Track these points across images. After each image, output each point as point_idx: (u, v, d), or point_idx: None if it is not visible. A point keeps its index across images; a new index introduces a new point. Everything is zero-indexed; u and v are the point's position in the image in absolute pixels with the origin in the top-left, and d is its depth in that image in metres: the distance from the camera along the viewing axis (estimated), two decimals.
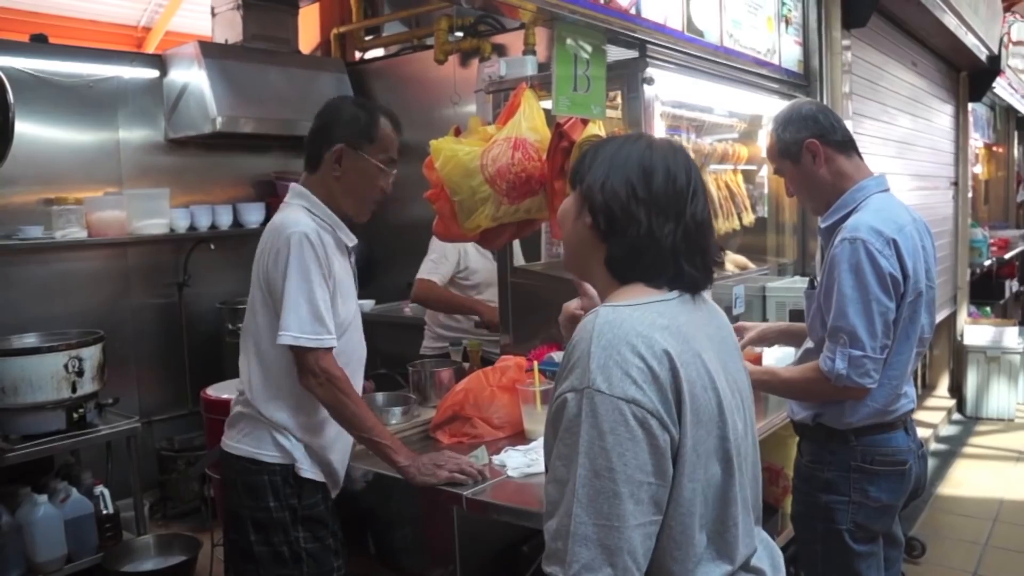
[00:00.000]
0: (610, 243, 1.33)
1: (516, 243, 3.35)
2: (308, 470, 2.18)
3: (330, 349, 2.09)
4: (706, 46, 3.12)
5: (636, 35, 2.73)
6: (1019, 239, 9.31)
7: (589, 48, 2.57)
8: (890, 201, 2.30)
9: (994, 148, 9.76)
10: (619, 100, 2.94)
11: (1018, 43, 8.90)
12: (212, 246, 4.81)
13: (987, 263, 7.49)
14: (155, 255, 4.84)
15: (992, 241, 7.89)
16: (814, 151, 2.30)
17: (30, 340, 3.76)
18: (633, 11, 2.69)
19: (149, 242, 4.71)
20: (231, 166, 5.12)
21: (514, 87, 2.95)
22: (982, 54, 6.62)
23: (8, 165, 3.77)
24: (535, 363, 2.69)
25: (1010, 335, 6.73)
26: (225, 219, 4.90)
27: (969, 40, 6.07)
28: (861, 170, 2.36)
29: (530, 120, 2.75)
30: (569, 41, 2.50)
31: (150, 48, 6.40)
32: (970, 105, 7.39)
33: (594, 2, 2.50)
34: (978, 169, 8.83)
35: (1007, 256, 8.22)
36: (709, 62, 3.18)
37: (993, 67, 7.15)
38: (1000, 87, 7.98)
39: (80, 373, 3.61)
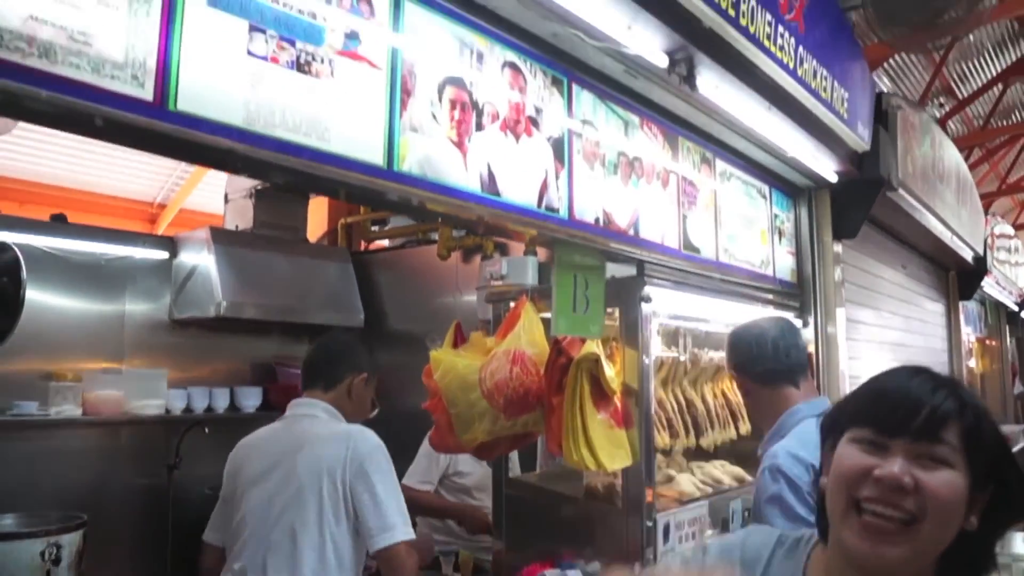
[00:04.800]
0: None
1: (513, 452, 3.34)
2: None
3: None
4: (703, 262, 3.22)
5: (634, 255, 2.82)
6: (1020, 434, 9.23)
7: (588, 269, 2.65)
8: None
9: (987, 342, 9.88)
10: (617, 315, 2.99)
11: (1001, 236, 9.20)
12: (207, 429, 4.75)
13: None
14: (148, 436, 4.77)
15: None
16: (736, 379, 2.42)
17: (7, 522, 3.64)
18: (632, 232, 2.80)
19: (143, 422, 4.66)
20: (232, 348, 5.15)
21: (515, 294, 3.02)
22: (968, 255, 6.84)
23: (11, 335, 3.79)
24: None
25: (1020, 542, 6.53)
26: (222, 402, 4.87)
27: (955, 243, 6.28)
28: (790, 398, 2.36)
29: (529, 333, 2.79)
30: (569, 263, 2.58)
31: (164, 223, 6.60)
32: (961, 302, 7.56)
33: (593, 224, 2.61)
34: (972, 363, 8.90)
35: None
36: (706, 277, 3.27)
37: (980, 267, 7.37)
38: (988, 285, 8.18)
39: (57, 562, 3.47)
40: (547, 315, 2.82)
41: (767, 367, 2.40)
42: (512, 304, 2.97)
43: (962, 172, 6.48)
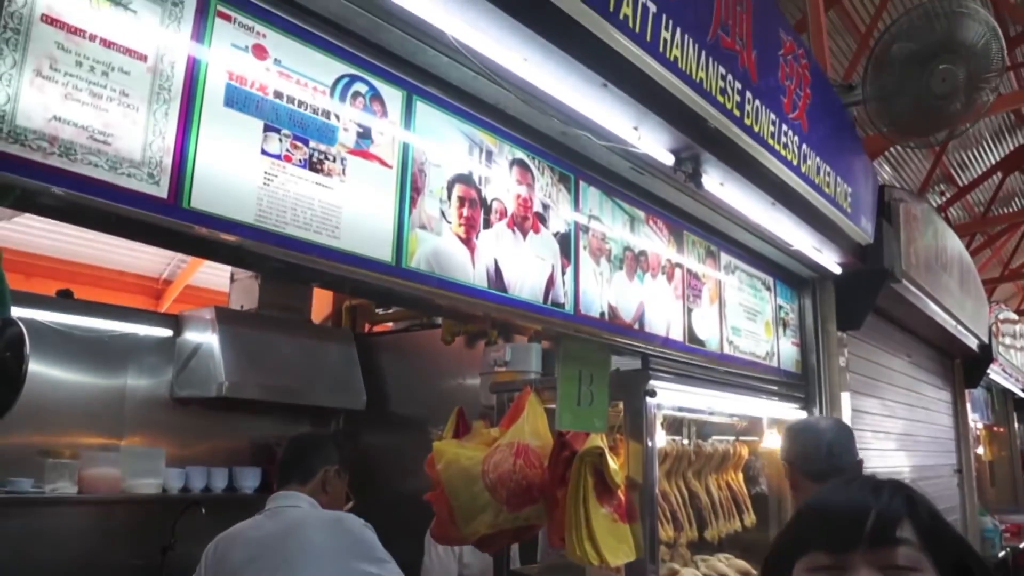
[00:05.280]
0: None
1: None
2: None
3: None
4: (707, 355, 3.22)
5: (639, 348, 2.82)
6: None
7: (593, 363, 2.64)
8: None
9: (995, 429, 9.78)
10: (621, 407, 2.97)
11: (1005, 321, 9.20)
12: (203, 510, 4.68)
13: (1001, 554, 7.23)
14: (144, 515, 4.70)
15: (1004, 527, 7.68)
16: (788, 473, 2.51)
17: None
18: (637, 326, 2.80)
19: (140, 501, 4.59)
20: (232, 428, 5.12)
21: (519, 387, 3.01)
22: (973, 343, 6.82)
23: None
24: None
25: None
26: (220, 482, 4.82)
27: (960, 332, 6.28)
28: None
29: (533, 425, 2.78)
30: (573, 357, 2.58)
31: (169, 299, 6.62)
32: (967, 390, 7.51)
33: (598, 319, 2.62)
34: (980, 451, 8.80)
35: (1022, 545, 7.95)
36: (710, 370, 3.27)
37: (985, 355, 7.34)
38: (994, 373, 8.14)
39: None
40: (551, 406, 2.81)
41: (820, 467, 2.47)
42: (516, 394, 2.95)
43: (965, 261, 6.52)
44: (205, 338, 4.73)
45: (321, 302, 5.48)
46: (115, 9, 1.56)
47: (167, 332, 4.94)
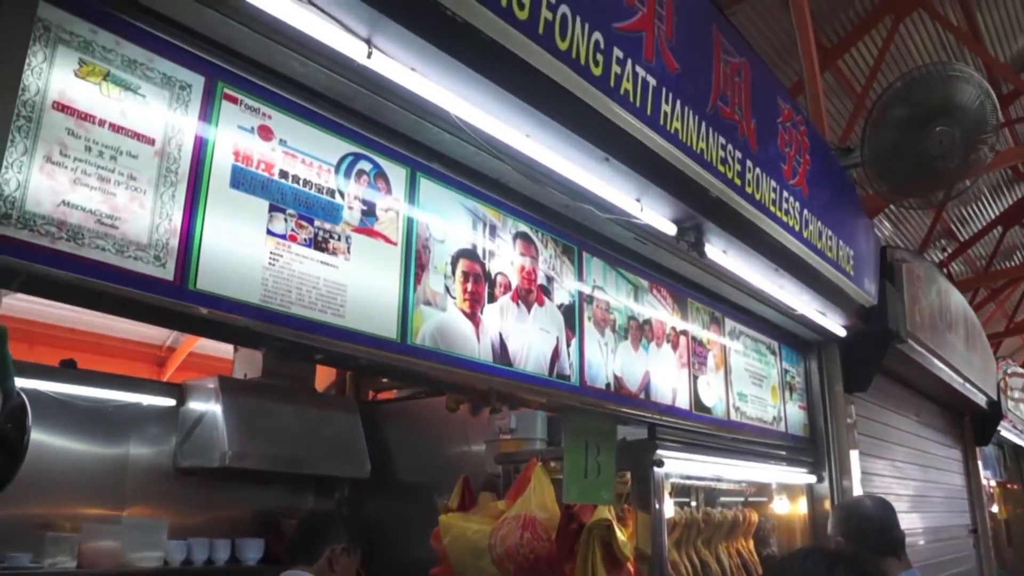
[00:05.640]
0: None
1: None
2: None
3: None
4: (714, 422, 3.20)
5: (646, 418, 2.80)
6: None
7: (599, 435, 2.62)
8: None
9: (1009, 486, 9.64)
10: (628, 477, 2.94)
11: (1013, 375, 9.14)
12: None
13: None
14: None
15: None
16: (843, 548, 2.58)
17: None
18: (642, 395, 2.79)
19: (141, 575, 4.51)
20: (235, 498, 5.04)
21: (524, 458, 2.98)
22: (981, 400, 6.77)
23: None
24: None
25: None
26: (222, 554, 4.72)
27: (967, 389, 6.23)
28: (891, 568, 2.55)
29: (540, 497, 2.75)
30: (580, 430, 2.56)
31: (172, 366, 6.61)
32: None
33: (604, 390, 2.60)
34: (995, 509, 8.66)
35: None
36: (718, 437, 3.23)
37: (995, 411, 7.27)
38: (1005, 429, 8.06)
39: None
40: (558, 477, 2.78)
41: (874, 540, 2.61)
42: (522, 465, 2.92)
43: (970, 318, 6.50)
44: (208, 407, 4.69)
45: (325, 370, 5.45)
46: (125, 94, 1.59)
47: (170, 401, 4.90)
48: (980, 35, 8.74)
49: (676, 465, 2.98)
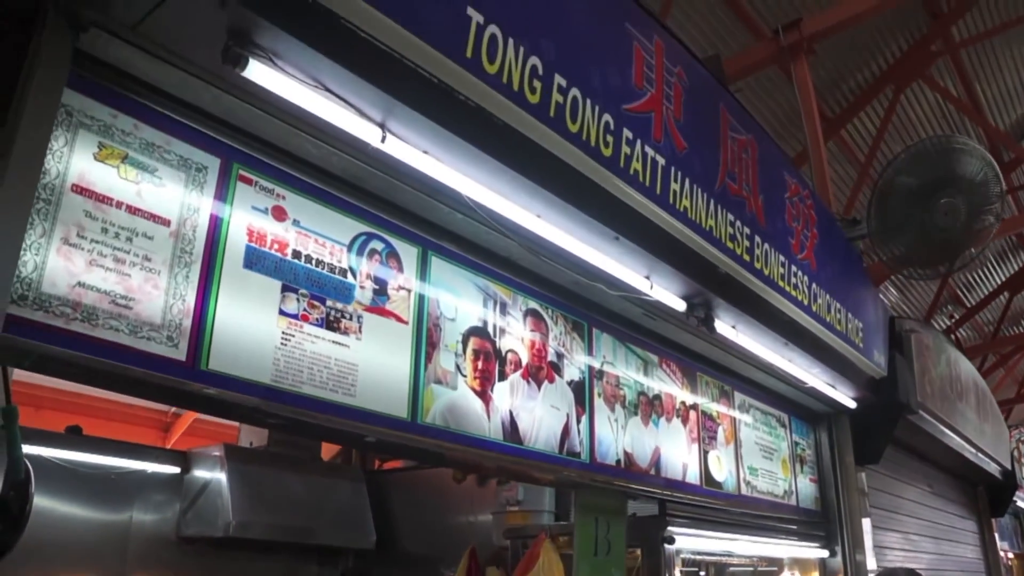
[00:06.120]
0: None
1: None
2: None
3: None
4: (725, 497, 3.16)
5: (656, 494, 2.77)
6: None
7: (610, 512, 2.59)
8: None
9: None
10: (639, 553, 2.89)
11: None
12: None
13: None
14: None
15: None
16: None
17: None
18: (653, 471, 2.76)
19: None
20: (238, 568, 4.95)
21: (533, 532, 2.94)
22: (995, 470, 6.68)
23: None
24: None
25: None
26: None
27: (980, 459, 6.16)
28: None
29: (549, 574, 2.69)
30: (591, 507, 2.53)
31: (177, 432, 6.57)
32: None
33: (615, 467, 2.58)
34: None
35: None
36: (728, 512, 3.19)
37: (1009, 481, 7.17)
38: (1021, 500, 7.93)
39: None
40: (566, 551, 2.74)
41: None
42: (530, 540, 2.88)
43: (980, 386, 6.45)
44: (213, 475, 4.65)
45: None
46: (142, 176, 1.61)
47: (175, 469, 4.86)
48: (980, 104, 8.87)
49: (687, 541, 2.94)
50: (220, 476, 4.59)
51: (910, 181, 4.49)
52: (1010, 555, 8.39)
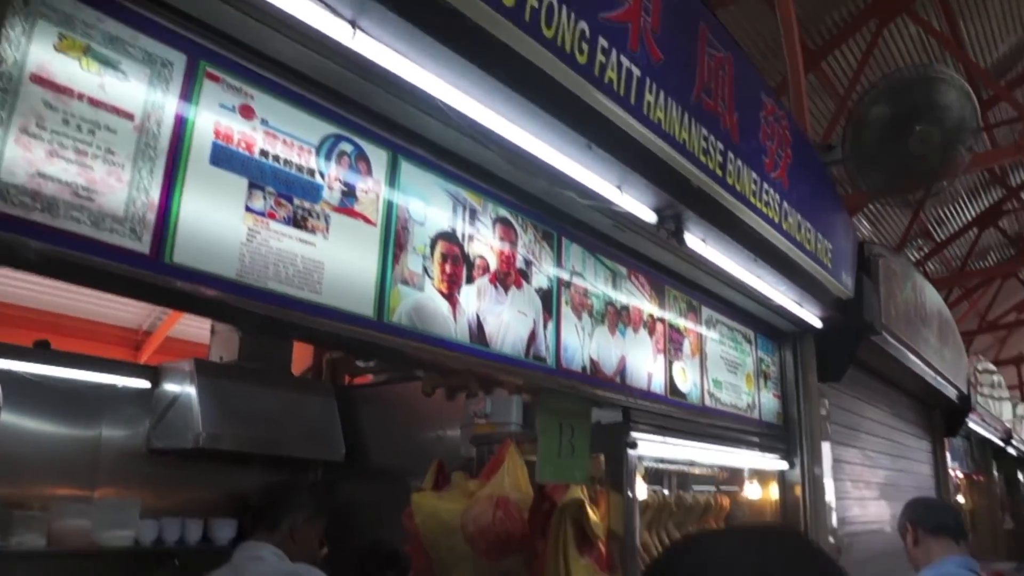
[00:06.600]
0: None
1: None
2: None
3: None
4: (689, 407, 3.23)
5: (620, 401, 2.82)
6: (1012, 572, 9.07)
7: (574, 416, 2.64)
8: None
9: (974, 478, 9.81)
10: (602, 459, 2.96)
11: (984, 372, 9.29)
12: (176, 562, 4.59)
13: None
14: (117, 569, 4.58)
15: None
16: (911, 533, 3.09)
17: None
18: (618, 379, 2.81)
19: (112, 555, 4.48)
20: (208, 480, 5.03)
21: (499, 437, 3.00)
22: (952, 394, 6.88)
23: None
24: None
25: None
26: (194, 534, 4.71)
27: (939, 383, 6.32)
28: (950, 549, 3.02)
29: (513, 478, 2.77)
30: (554, 410, 2.57)
31: (148, 351, 6.56)
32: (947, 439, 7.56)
33: (580, 373, 2.62)
34: (961, 499, 8.82)
35: None
36: (692, 422, 3.27)
37: (964, 405, 7.40)
38: (973, 422, 8.19)
39: None
40: (532, 459, 2.80)
41: (940, 523, 3.09)
42: (496, 447, 2.94)
43: (944, 314, 6.59)
44: (183, 389, 4.67)
45: (301, 354, 5.43)
46: (104, 70, 1.57)
47: (145, 383, 4.88)
48: (962, 41, 8.85)
49: (650, 448, 3.01)
50: (190, 390, 4.61)
51: (887, 108, 4.50)
52: (959, 474, 8.73)
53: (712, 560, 1.01)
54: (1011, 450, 10.94)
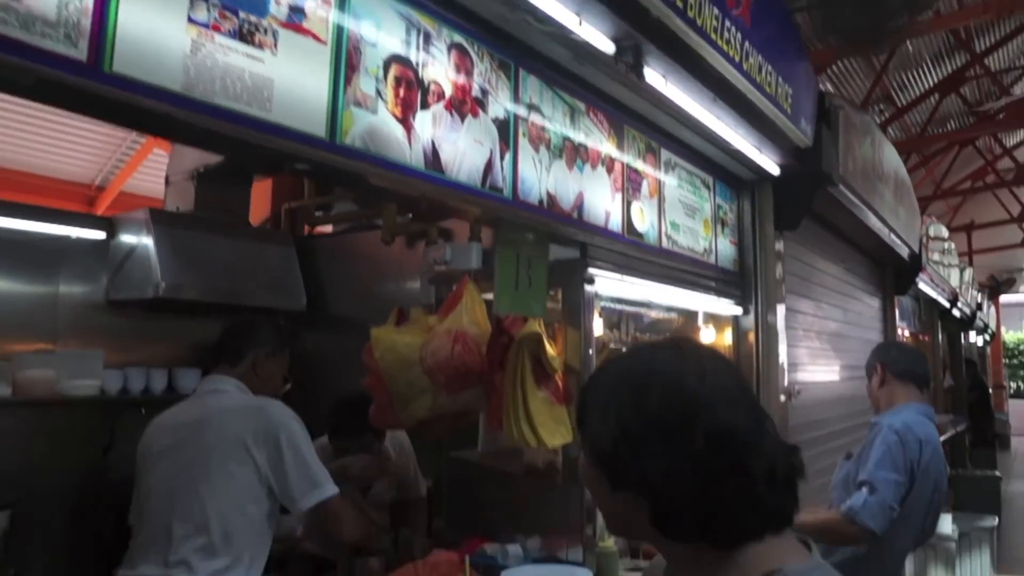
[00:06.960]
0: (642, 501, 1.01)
1: None
2: None
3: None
4: (646, 248, 3.26)
5: (577, 237, 2.84)
6: (948, 424, 9.63)
7: (531, 248, 2.66)
8: (926, 423, 3.05)
9: (920, 337, 10.18)
10: (560, 295, 3.01)
11: (935, 239, 9.52)
12: (143, 410, 4.65)
13: None
14: (82, 418, 4.63)
15: None
16: (879, 372, 3.26)
17: None
18: (575, 215, 2.82)
19: (77, 404, 4.53)
20: (170, 330, 5.03)
21: (457, 278, 3.02)
22: (904, 252, 7.04)
23: None
24: (467, 557, 2.63)
25: (944, 522, 6.76)
26: (159, 383, 4.76)
27: (892, 240, 6.46)
28: (912, 395, 3.18)
29: (471, 313, 2.80)
30: (512, 242, 2.59)
31: (102, 206, 6.44)
32: (896, 297, 7.78)
33: (537, 206, 2.62)
34: None
35: None
36: (649, 263, 3.31)
37: (915, 264, 7.59)
38: (922, 282, 8.43)
39: None
40: (489, 296, 2.83)
41: (909, 368, 3.23)
42: (455, 285, 2.97)
43: (900, 174, 6.65)
44: (140, 240, 4.61)
45: (260, 204, 5.36)
46: None
47: (100, 234, 4.79)
48: None
49: (607, 285, 3.06)
50: (147, 240, 4.55)
51: None
52: (906, 332, 9.06)
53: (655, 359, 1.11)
54: (956, 312, 11.35)
